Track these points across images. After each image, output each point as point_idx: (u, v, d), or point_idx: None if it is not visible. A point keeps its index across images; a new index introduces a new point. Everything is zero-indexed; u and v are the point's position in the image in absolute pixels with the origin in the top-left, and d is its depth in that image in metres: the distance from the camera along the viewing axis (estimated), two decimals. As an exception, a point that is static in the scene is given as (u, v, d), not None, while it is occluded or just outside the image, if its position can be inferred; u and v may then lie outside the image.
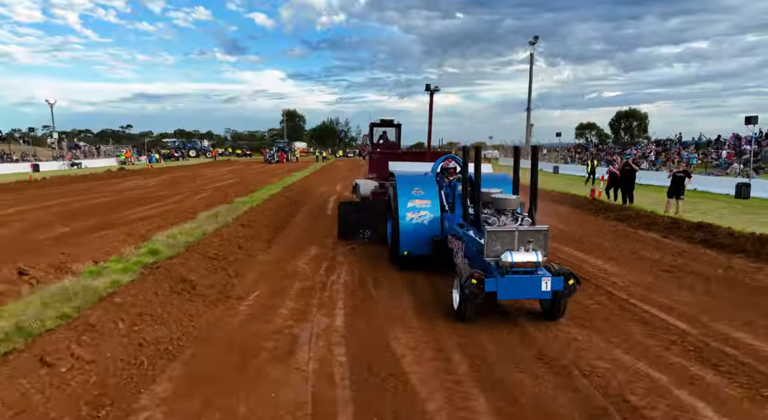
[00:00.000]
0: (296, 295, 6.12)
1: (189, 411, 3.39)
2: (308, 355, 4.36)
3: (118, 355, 3.96)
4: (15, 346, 3.93)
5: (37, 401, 3.17)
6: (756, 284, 6.55)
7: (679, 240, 9.50)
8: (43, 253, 7.63)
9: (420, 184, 7.44)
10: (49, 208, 13.87)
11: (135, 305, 4.96)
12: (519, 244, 5.10)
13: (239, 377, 3.91)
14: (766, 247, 7.97)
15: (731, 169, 22.31)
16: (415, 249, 7.18)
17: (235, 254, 7.87)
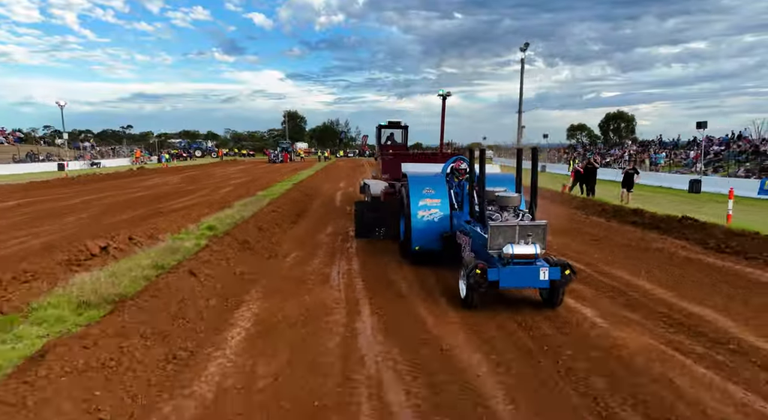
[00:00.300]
0: (323, 254, 8.67)
1: (275, 302, 5.94)
2: (338, 281, 6.92)
3: (226, 276, 6.52)
4: (167, 267, 6.50)
5: (196, 291, 5.73)
6: (650, 247, 9.13)
7: (615, 221, 12.09)
8: (127, 229, 10.16)
9: (430, 184, 7.94)
10: (102, 200, 16.40)
11: (222, 254, 7.52)
12: (519, 237, 5.58)
13: (298, 290, 6.46)
14: (671, 224, 10.56)
15: (695, 168, 24.91)
16: (426, 244, 7.66)
17: (273, 230, 10.42)
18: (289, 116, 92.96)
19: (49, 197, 16.96)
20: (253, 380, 4.00)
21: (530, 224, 5.69)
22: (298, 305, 5.80)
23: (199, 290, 5.81)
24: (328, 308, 5.76)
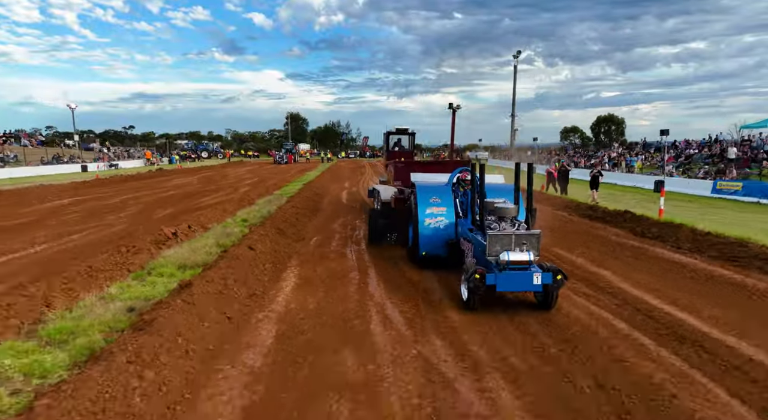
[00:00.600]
0: (338, 238, 11.22)
1: (308, 267, 8.47)
2: (351, 256, 9.45)
3: (272, 251, 9.08)
4: (227, 246, 9.05)
5: (256, 259, 8.29)
6: (593, 233, 11.68)
7: (576, 215, 14.64)
8: (175, 222, 12.69)
9: (437, 193, 8.46)
10: (139, 198, 18.95)
11: (265, 236, 10.07)
12: (515, 245, 6.10)
13: (323, 260, 9.00)
14: (615, 217, 13.13)
15: (666, 170, 27.42)
16: (432, 250, 8.16)
17: (296, 221, 12.97)
18: (292, 118, 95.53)
19: (93, 196, 19.51)
20: (305, 305, 6.54)
21: (525, 233, 6.23)
22: (325, 269, 8.37)
23: (257, 258, 8.37)
24: (346, 270, 8.32)
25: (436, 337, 5.48)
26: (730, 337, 5.37)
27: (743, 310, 6.31)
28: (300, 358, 4.91)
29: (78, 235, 11.08)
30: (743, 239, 9.40)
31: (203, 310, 5.70)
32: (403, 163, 12.43)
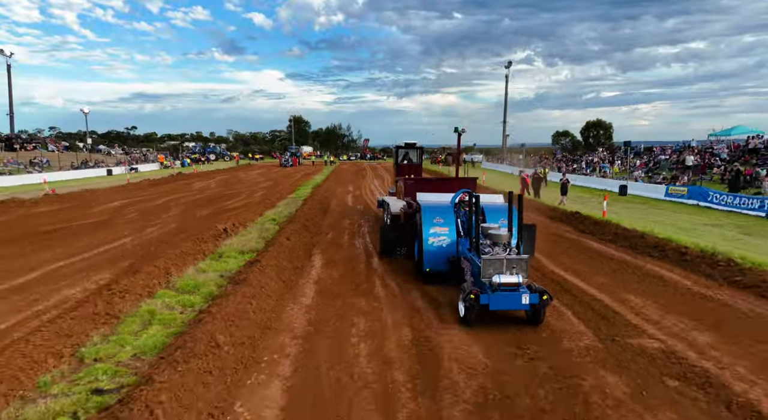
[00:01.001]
0: (348, 233, 14.54)
1: (330, 253, 11.79)
2: (359, 245, 12.79)
3: (302, 241, 12.43)
4: (268, 238, 12.41)
5: (292, 246, 11.64)
6: (548, 231, 14.99)
7: (539, 215, 17.94)
8: (215, 220, 16.00)
9: (440, 214, 9.01)
10: (178, 200, 22.27)
11: (293, 231, 13.41)
12: (506, 269, 6.69)
13: (339, 249, 12.31)
14: (569, 217, 16.46)
15: (636, 175, 30.74)
16: (435, 267, 8.82)
17: (313, 220, 16.30)
18: (295, 121, 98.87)
19: (138, 199, 22.84)
20: (331, 275, 9.87)
21: (515, 258, 6.77)
22: (342, 254, 11.71)
23: (292, 246, 11.71)
24: (357, 255, 11.67)
25: (416, 293, 8.82)
26: (600, 293, 8.71)
27: (622, 278, 9.65)
28: (332, 300, 8.25)
29: (149, 230, 14.44)
30: (647, 233, 12.74)
31: (268, 276, 9.03)
32: (412, 180, 13.25)
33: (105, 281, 8.94)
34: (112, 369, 5.38)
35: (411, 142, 17.35)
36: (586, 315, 7.54)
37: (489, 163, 57.67)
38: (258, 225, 14.66)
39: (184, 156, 61.93)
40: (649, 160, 34.95)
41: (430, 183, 13.53)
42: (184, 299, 7.75)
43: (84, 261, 10.69)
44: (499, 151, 63.26)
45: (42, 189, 24.78)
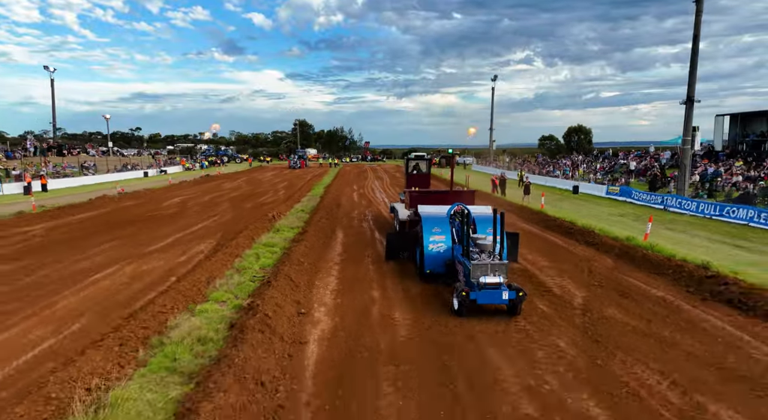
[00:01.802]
0: (357, 220, 20.59)
1: (346, 231, 17.89)
2: (366, 226, 18.86)
3: (327, 224, 18.53)
4: (305, 220, 18.52)
5: (322, 226, 17.74)
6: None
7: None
8: (260, 211, 22.04)
9: (438, 224, 10.66)
10: (221, 197, 28.30)
11: (321, 217, 19.49)
12: (490, 271, 8.62)
13: (350, 229, 18.34)
14: (523, 210, 22.56)
15: (594, 177, 36.79)
16: (434, 269, 10.52)
17: (330, 211, 22.37)
18: (301, 125, 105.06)
19: (189, 196, 28.87)
20: (349, 240, 15.92)
21: (498, 263, 8.72)
22: (354, 230, 17.78)
23: (322, 226, 17.78)
24: (364, 231, 17.75)
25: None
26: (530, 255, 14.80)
27: (536, 245, 15.71)
28: (352, 249, 14.30)
29: (215, 217, 20.50)
30: (560, 218, 18.82)
31: (313, 239, 15.07)
32: (417, 193, 15.18)
33: (214, 244, 15.00)
34: (255, 272, 11.46)
35: (420, 154, 20.02)
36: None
37: (478, 166, 63.65)
38: (293, 214, 20.76)
39: (202, 159, 67.93)
40: (611, 164, 41.00)
41: (431, 195, 14.85)
42: (270, 249, 13.84)
43: (191, 234, 16.79)
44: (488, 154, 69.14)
45: (113, 188, 30.86)
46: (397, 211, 16.17)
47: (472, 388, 6.27)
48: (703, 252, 13.59)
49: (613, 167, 38.42)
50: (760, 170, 26.47)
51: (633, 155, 42.98)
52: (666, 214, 22.34)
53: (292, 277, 10.68)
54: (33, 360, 6.91)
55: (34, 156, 41.23)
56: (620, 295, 10.07)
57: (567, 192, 33.01)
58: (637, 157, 41.05)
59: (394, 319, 8.74)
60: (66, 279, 11.00)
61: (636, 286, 10.73)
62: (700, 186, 26.33)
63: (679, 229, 18.18)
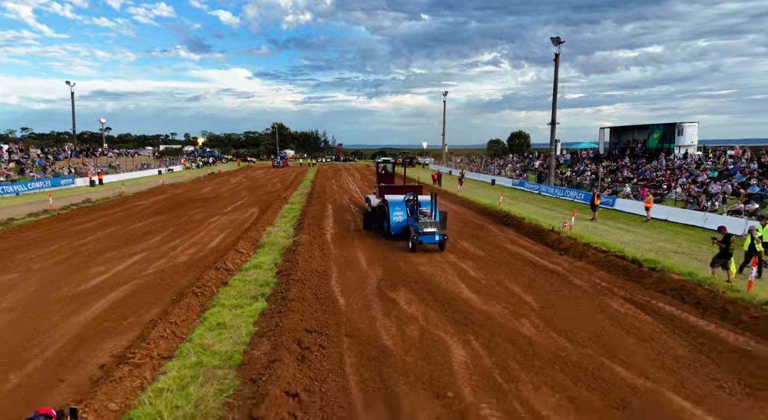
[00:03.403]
0: (339, 200, 31.98)
1: (334, 204, 29.25)
2: (346, 203, 30.26)
3: (319, 203, 29.88)
4: (306, 198, 29.84)
5: (318, 204, 29.09)
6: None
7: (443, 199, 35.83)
8: (272, 196, 33.07)
9: (398, 205, 17.85)
10: (237, 186, 39.06)
11: (315, 200, 30.78)
12: (429, 226, 15.59)
13: (336, 203, 29.76)
14: (444, 194, 34.45)
15: (511, 173, 49.03)
16: (396, 231, 17.55)
17: (321, 195, 33.63)
18: (279, 128, 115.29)
19: (212, 187, 39.52)
20: (335, 210, 27.25)
21: (432, 221, 15.79)
22: (336, 205, 29.15)
23: (318, 204, 29.06)
24: (344, 205, 29.17)
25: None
26: (424, 211, 26.58)
27: (454, 218, 27.43)
28: (339, 213, 25.67)
29: (245, 199, 31.42)
30: (467, 198, 30.71)
31: (314, 209, 26.34)
32: (384, 187, 21.72)
33: (258, 210, 26.09)
34: (290, 219, 22.74)
35: (387, 159, 27.08)
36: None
37: (434, 166, 75.77)
38: (296, 197, 31.93)
39: (197, 159, 77.69)
40: (527, 163, 53.50)
41: (393, 188, 21.52)
42: (292, 212, 25.05)
43: (239, 206, 27.76)
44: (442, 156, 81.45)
45: (156, 181, 41.23)
46: (369, 199, 23.61)
47: (408, 267, 17.76)
48: (521, 210, 25.60)
49: (527, 166, 50.97)
50: (620, 168, 39.11)
51: (543, 156, 55.74)
52: (534, 194, 34.64)
53: (311, 220, 22.01)
54: (216, 244, 17.97)
55: (71, 157, 50.89)
56: (476, 228, 21.78)
57: (488, 184, 45.25)
58: (543, 158, 53.71)
59: (365, 251, 20.16)
60: (199, 221, 22.00)
61: (473, 221, 22.50)
62: (564, 178, 38.84)
63: (532, 201, 30.34)
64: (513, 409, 6.38)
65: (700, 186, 26.71)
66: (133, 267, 13.71)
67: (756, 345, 8.38)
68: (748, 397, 6.76)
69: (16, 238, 17.73)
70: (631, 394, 6.77)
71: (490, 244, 17.29)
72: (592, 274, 13.17)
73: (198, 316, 9.42)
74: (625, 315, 9.91)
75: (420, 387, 6.92)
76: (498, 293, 11.42)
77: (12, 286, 11.75)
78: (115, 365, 7.17)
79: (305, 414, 6.03)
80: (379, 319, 9.66)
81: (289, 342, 7.93)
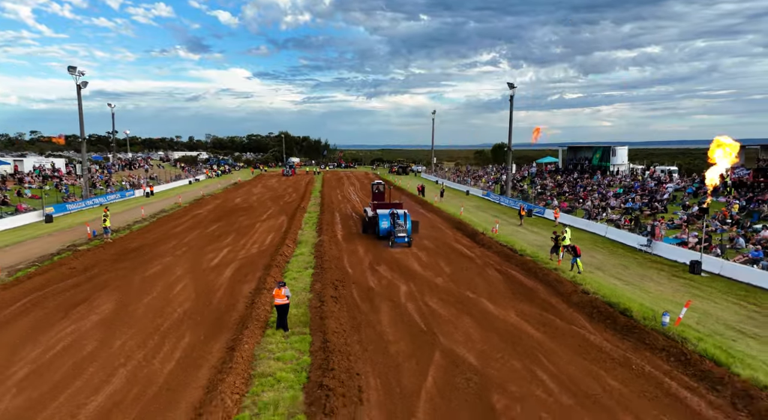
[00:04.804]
0: (344, 208, 42.19)
1: (339, 211, 39.49)
2: (349, 210, 40.50)
3: (330, 208, 40.18)
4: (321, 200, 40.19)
5: (331, 207, 39.41)
6: (416, 210, 43.09)
7: (417, 204, 45.96)
8: (294, 205, 43.24)
9: (384, 217, 26.47)
10: (262, 196, 49.26)
11: (325, 205, 41.08)
12: (401, 232, 25.07)
13: (341, 211, 39.99)
14: (423, 204, 44.68)
15: (486, 186, 59.13)
16: (383, 234, 26.36)
17: (329, 204, 43.82)
18: (285, 137, 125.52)
19: (244, 198, 49.67)
20: (342, 217, 37.46)
21: (404, 228, 25.39)
22: (342, 213, 39.37)
23: (328, 211, 39.27)
24: (347, 213, 39.40)
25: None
26: (406, 218, 36.84)
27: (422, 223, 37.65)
28: (343, 219, 35.91)
29: (273, 209, 41.55)
30: (440, 207, 40.93)
31: (326, 216, 36.47)
32: (375, 204, 30.65)
33: (287, 218, 36.25)
34: (312, 233, 32.98)
35: (379, 181, 36.25)
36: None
37: (425, 174, 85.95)
38: (312, 206, 42.10)
39: (216, 169, 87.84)
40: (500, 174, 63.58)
41: (383, 205, 30.14)
42: (312, 218, 35.23)
43: (270, 215, 37.84)
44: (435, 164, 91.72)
45: (191, 190, 51.44)
46: (366, 211, 31.63)
47: (387, 254, 27.96)
48: (475, 217, 35.76)
49: (499, 178, 61.17)
50: (567, 182, 49.25)
51: (528, 167, 65.84)
52: (495, 204, 44.91)
53: (326, 226, 32.18)
54: (269, 242, 28.08)
55: (119, 171, 61.07)
56: (436, 230, 31.96)
57: (463, 194, 55.47)
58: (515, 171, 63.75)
59: (363, 246, 30.36)
60: (248, 226, 32.12)
61: (436, 225, 32.68)
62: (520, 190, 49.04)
63: (488, 210, 40.56)
64: (421, 305, 16.52)
65: (603, 199, 36.97)
66: (229, 255, 23.88)
67: (534, 283, 18.62)
68: (515, 299, 16.96)
69: (143, 238, 27.93)
70: (468, 300, 16.97)
71: (440, 241, 27.49)
72: (489, 257, 23.41)
73: (282, 275, 19.62)
74: (490, 276, 20.14)
75: (384, 299, 17.10)
76: (432, 266, 21.65)
77: (172, 265, 21.89)
78: (257, 290, 17.36)
79: (338, 303, 16.21)
80: (368, 277, 19.86)
81: (328, 283, 18.11)
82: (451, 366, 11.76)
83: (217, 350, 12.57)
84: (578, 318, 15.27)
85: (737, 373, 10.86)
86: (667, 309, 14.76)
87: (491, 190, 53.40)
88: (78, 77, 40.05)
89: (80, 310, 15.66)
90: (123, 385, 10.78)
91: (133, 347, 12.79)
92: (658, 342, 12.82)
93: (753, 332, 14.10)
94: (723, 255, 21.60)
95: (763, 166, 32.36)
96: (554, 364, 11.86)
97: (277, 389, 10.50)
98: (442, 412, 9.76)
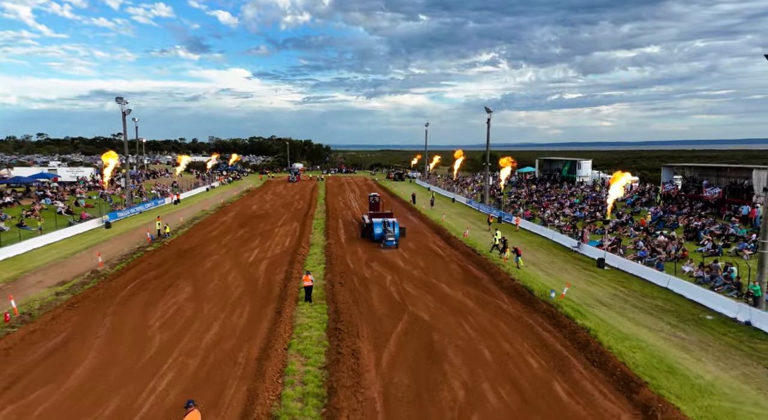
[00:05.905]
0: (346, 214, 49.97)
1: (342, 217, 47.25)
2: (350, 216, 48.25)
3: (334, 215, 47.96)
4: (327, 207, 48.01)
5: (339, 211, 47.23)
6: (405, 215, 50.86)
7: (408, 211, 53.69)
8: (303, 212, 51.00)
9: (379, 224, 33.71)
10: (274, 203, 56.97)
11: (330, 211, 48.85)
12: (390, 237, 32.53)
13: (344, 217, 47.76)
14: (410, 210, 52.51)
15: (471, 193, 66.80)
16: (377, 238, 33.36)
17: (333, 211, 51.60)
18: (291, 143, 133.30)
19: (259, 205, 57.38)
20: (345, 221, 45.25)
21: (392, 234, 32.88)
22: (344, 219, 47.15)
23: (333, 217, 47.06)
24: (349, 219, 47.22)
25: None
26: (397, 224, 44.61)
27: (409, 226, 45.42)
28: (346, 224, 43.69)
29: (286, 216, 49.38)
30: (426, 215, 48.71)
31: (331, 222, 44.25)
32: (371, 213, 37.89)
33: (299, 224, 44.02)
34: (319, 229, 40.78)
35: (375, 194, 42.89)
36: (391, 226, 43.36)
37: (420, 181, 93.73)
38: (318, 213, 49.84)
39: (227, 175, 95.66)
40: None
41: (377, 214, 36.95)
42: (319, 224, 43.01)
43: (284, 220, 45.60)
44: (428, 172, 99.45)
45: (210, 197, 59.29)
46: (364, 218, 37.76)
47: (379, 254, 35.76)
48: (454, 223, 43.53)
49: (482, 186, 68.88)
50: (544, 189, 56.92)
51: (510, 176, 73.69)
52: (474, 211, 52.72)
53: (331, 231, 39.96)
54: (288, 244, 35.84)
55: (145, 180, 68.86)
56: (419, 234, 39.74)
57: (450, 200, 63.22)
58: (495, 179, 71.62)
59: (361, 248, 38.16)
60: (268, 231, 39.89)
61: (420, 230, 40.45)
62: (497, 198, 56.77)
63: (467, 216, 48.30)
64: (400, 288, 24.28)
65: (560, 208, 44.76)
66: (259, 254, 31.67)
67: (481, 274, 26.44)
68: (465, 284, 24.75)
69: (189, 241, 35.72)
70: (432, 285, 24.75)
71: (421, 244, 35.29)
72: (455, 256, 31.22)
73: (302, 268, 27.42)
74: (452, 269, 27.95)
75: (374, 284, 24.89)
76: (412, 262, 29.45)
77: (220, 261, 29.65)
78: (286, 278, 25.19)
79: (343, 286, 24.01)
80: (364, 270, 27.66)
81: (336, 275, 25.90)
82: (412, 321, 19.55)
83: (270, 312, 20.36)
84: (502, 296, 23.06)
85: (578, 323, 18.64)
86: (560, 289, 22.55)
87: (473, 198, 61.17)
88: (123, 105, 47.83)
89: (171, 291, 23.43)
90: (220, 329, 18.58)
91: (217, 311, 20.58)
92: (542, 307, 20.62)
93: (609, 303, 21.92)
94: (624, 254, 29.38)
95: (684, 183, 40.12)
96: (474, 320, 19.65)
97: (309, 331, 18.31)
98: (403, 342, 17.54)
